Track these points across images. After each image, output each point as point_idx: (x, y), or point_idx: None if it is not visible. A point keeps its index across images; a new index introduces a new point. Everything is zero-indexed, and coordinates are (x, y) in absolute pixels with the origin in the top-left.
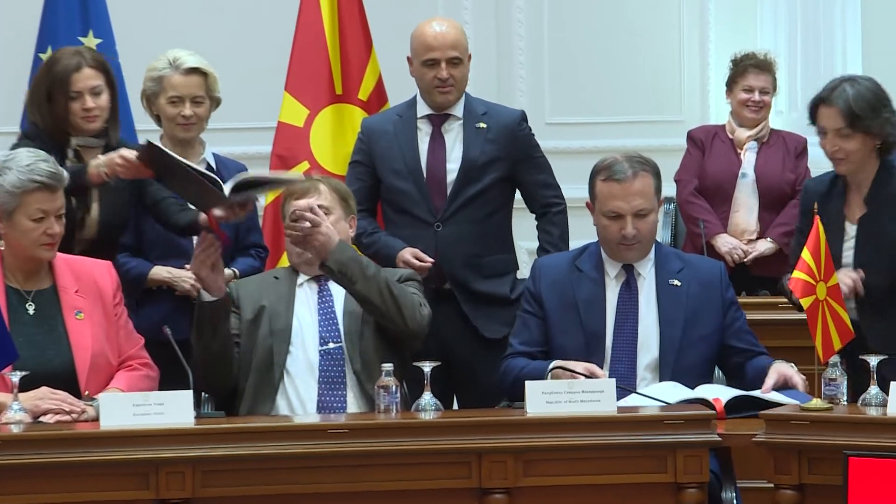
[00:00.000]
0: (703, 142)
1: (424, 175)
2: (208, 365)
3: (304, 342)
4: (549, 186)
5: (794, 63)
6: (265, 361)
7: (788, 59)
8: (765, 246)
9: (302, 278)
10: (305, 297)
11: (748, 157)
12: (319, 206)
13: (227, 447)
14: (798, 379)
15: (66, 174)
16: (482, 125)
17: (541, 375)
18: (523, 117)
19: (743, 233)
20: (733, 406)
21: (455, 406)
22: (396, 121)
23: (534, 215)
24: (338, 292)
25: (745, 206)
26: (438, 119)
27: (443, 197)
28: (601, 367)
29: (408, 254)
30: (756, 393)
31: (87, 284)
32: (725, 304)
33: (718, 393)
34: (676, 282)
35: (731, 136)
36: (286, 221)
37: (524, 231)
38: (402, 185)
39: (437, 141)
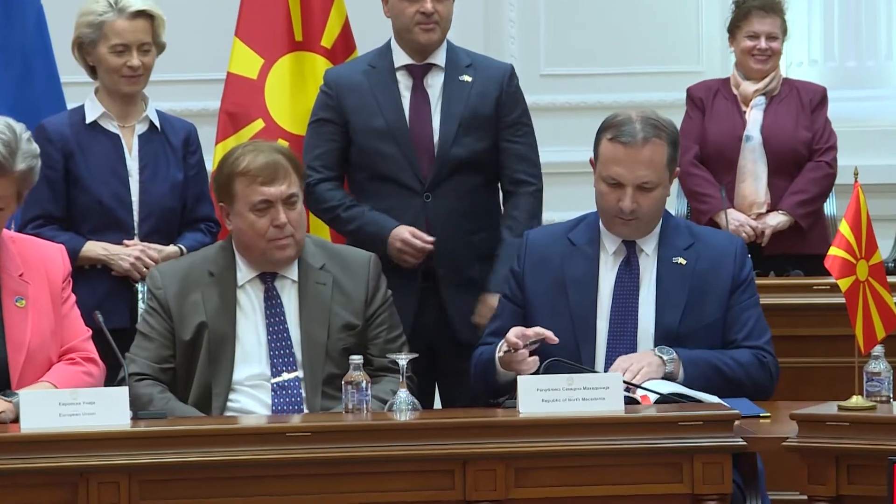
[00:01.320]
0: (704, 100)
1: (411, 136)
2: None
3: (249, 373)
4: (527, 161)
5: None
6: (202, 394)
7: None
8: (777, 219)
9: (243, 276)
10: (249, 308)
11: (754, 117)
12: (292, 195)
13: (168, 453)
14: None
15: (22, 153)
16: (466, 78)
17: (491, 364)
18: (513, 73)
19: (751, 206)
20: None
21: (438, 403)
22: (369, 72)
23: (502, 194)
24: (289, 299)
25: (752, 175)
26: (420, 70)
27: (431, 161)
28: (593, 360)
29: (405, 232)
30: (693, 393)
31: (35, 268)
32: (735, 286)
33: (660, 388)
34: (681, 260)
35: (735, 92)
36: (235, 203)
37: None
38: (383, 147)
39: (420, 95)
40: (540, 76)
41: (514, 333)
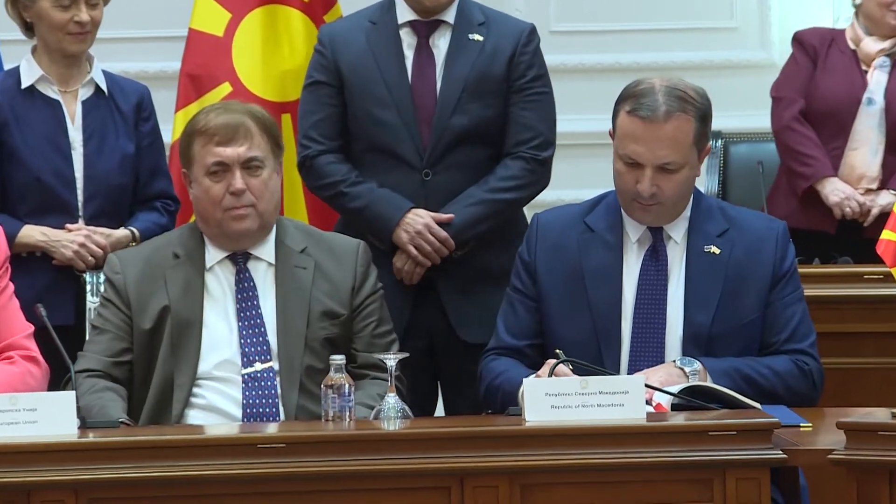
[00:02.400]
0: (817, 49)
1: (413, 103)
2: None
3: (217, 363)
4: (532, 129)
5: None
6: (163, 390)
7: None
8: (887, 199)
9: (211, 258)
10: (219, 291)
11: (877, 78)
12: (252, 159)
13: (122, 467)
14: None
15: None
16: (477, 37)
17: (514, 398)
18: (533, 32)
19: (860, 178)
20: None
21: (440, 409)
22: (369, 29)
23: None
24: (263, 282)
25: (868, 144)
26: (425, 28)
27: (432, 133)
28: (617, 363)
29: (420, 225)
30: (723, 389)
31: None
32: (776, 279)
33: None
34: (714, 248)
35: (853, 48)
36: (192, 168)
37: None
38: (382, 114)
39: (425, 56)
40: (549, 33)
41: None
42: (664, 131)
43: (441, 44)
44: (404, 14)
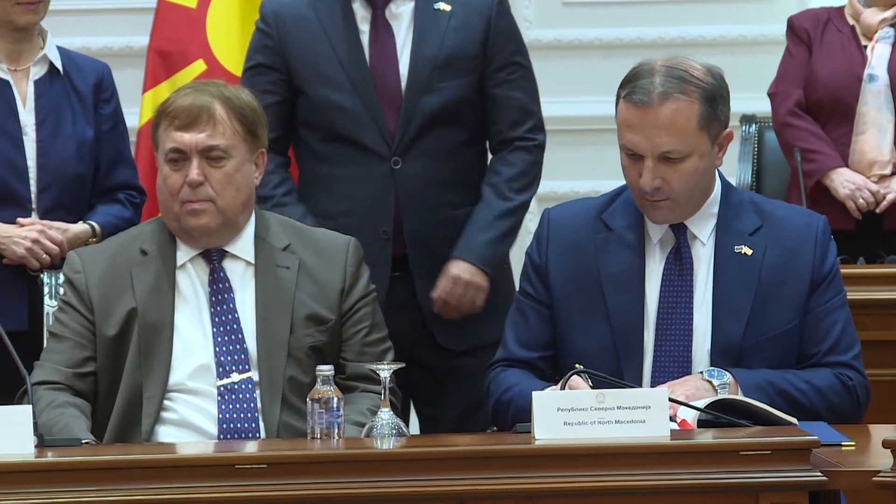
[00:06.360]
0: (810, 33)
1: (374, 84)
2: None
3: (190, 373)
4: (523, 110)
5: None
6: (131, 403)
7: None
8: None
9: (183, 255)
10: (191, 292)
11: (879, 51)
12: (212, 148)
13: (84, 490)
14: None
15: None
16: (444, 7)
17: (526, 414)
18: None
19: (871, 165)
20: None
21: (414, 425)
22: (316, 3)
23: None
24: (241, 284)
25: (875, 125)
26: None
27: (398, 116)
28: (639, 378)
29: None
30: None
31: None
32: (815, 283)
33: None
34: (746, 249)
35: (851, 22)
36: (157, 152)
37: None
38: (339, 99)
39: (382, 31)
40: (562, 4)
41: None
42: (660, 116)
43: (400, 13)
44: None
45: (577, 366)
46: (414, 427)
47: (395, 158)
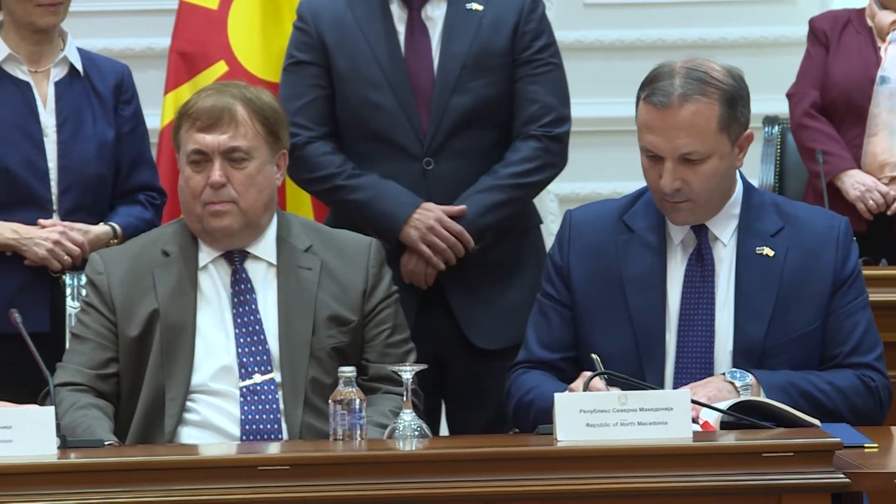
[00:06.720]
0: (828, 34)
1: (409, 84)
2: None
3: (213, 374)
4: (544, 105)
5: None
6: (153, 404)
7: None
8: None
9: (205, 256)
10: (213, 293)
11: (892, 53)
12: (234, 149)
13: (106, 492)
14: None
15: None
16: (476, 7)
17: (548, 414)
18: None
19: (883, 167)
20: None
21: (444, 428)
22: (353, 3)
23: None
24: (263, 284)
25: (886, 127)
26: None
27: (430, 115)
28: (661, 380)
29: (431, 220)
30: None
31: None
32: (837, 284)
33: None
34: (767, 250)
35: (870, 24)
36: (179, 154)
37: None
38: (376, 98)
39: (418, 31)
40: (584, 6)
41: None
42: (680, 118)
43: (436, 15)
44: None
45: (592, 356)
46: (444, 430)
47: (428, 159)
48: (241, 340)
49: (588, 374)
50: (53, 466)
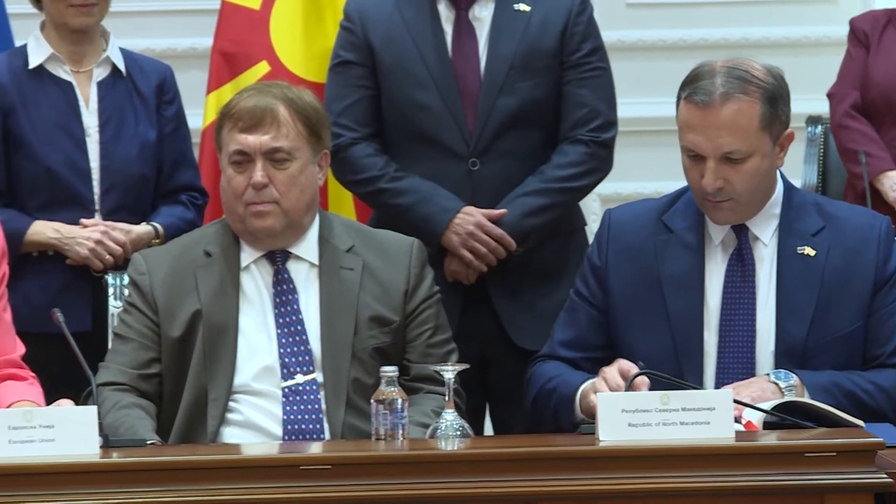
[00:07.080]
0: (869, 35)
1: (456, 84)
2: None
3: (255, 375)
4: (592, 109)
5: None
6: (196, 404)
7: None
8: None
9: (247, 256)
10: (255, 294)
11: None
12: (276, 150)
13: (148, 491)
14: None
15: None
16: (524, 7)
17: (569, 404)
18: (585, 1)
19: None
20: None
21: (488, 428)
22: (401, 3)
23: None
24: (305, 285)
25: None
26: (464, 0)
27: (477, 116)
28: (700, 381)
29: (472, 225)
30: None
31: None
32: (879, 284)
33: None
34: (808, 250)
35: None
36: (221, 154)
37: None
38: (423, 98)
39: (466, 31)
40: (626, 6)
41: (614, 381)
42: (722, 117)
43: (483, 16)
44: None
45: (638, 363)
46: (489, 430)
47: (473, 160)
48: (284, 341)
49: (623, 360)
50: (96, 466)
